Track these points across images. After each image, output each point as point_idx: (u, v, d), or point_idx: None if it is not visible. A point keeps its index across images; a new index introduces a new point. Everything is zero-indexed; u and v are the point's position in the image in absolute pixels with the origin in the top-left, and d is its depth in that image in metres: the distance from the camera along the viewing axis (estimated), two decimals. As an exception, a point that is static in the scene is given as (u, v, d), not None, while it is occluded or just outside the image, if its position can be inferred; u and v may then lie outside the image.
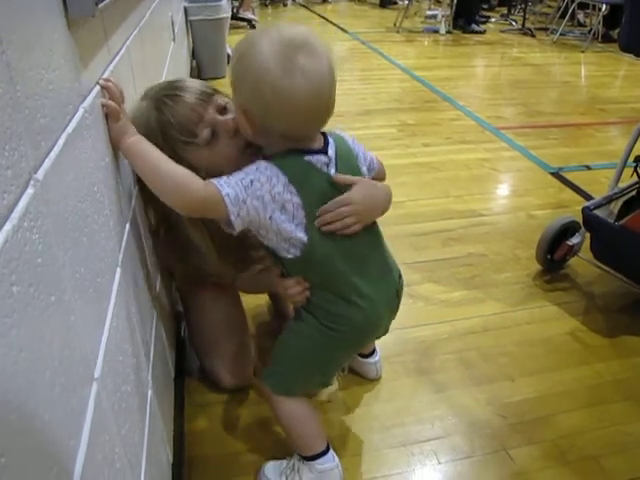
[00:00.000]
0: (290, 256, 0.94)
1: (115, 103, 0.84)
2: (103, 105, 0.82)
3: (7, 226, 0.43)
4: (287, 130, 0.88)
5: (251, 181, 0.86)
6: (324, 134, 0.96)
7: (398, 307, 1.07)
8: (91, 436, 0.56)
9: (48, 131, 0.56)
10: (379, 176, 1.09)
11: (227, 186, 0.86)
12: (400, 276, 1.07)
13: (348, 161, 0.97)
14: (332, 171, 0.93)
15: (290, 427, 1.07)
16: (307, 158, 0.91)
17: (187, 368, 1.38)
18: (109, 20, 0.92)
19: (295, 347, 1.03)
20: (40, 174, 0.51)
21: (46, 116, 0.55)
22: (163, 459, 1.00)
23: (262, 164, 0.89)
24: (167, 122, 0.99)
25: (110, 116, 0.84)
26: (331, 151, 0.94)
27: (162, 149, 0.90)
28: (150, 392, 0.93)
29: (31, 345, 0.44)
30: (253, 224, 0.90)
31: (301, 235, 0.91)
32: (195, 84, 1.06)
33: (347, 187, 0.94)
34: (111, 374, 0.68)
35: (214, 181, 0.86)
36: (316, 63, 0.83)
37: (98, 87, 0.80)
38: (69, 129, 0.62)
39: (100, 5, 0.73)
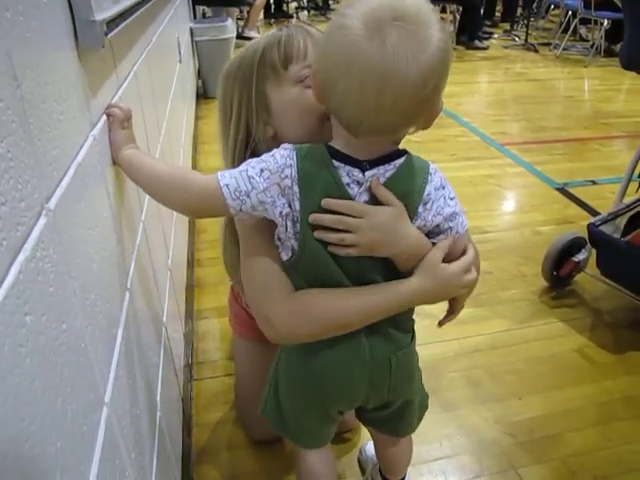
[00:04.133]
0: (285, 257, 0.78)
1: (122, 112, 0.82)
2: (108, 113, 0.80)
3: (21, 257, 0.44)
4: (340, 111, 0.69)
5: (261, 170, 0.71)
6: (399, 153, 0.76)
7: (384, 382, 0.84)
8: (102, 460, 0.57)
9: (59, 161, 0.57)
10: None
11: (229, 176, 0.72)
12: (402, 349, 0.84)
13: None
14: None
15: (299, 476, 1.00)
16: (336, 164, 0.71)
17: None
18: (118, 48, 0.94)
19: (275, 373, 0.92)
20: (52, 204, 0.52)
21: (57, 147, 0.57)
22: (171, 481, 1.00)
23: (283, 149, 0.73)
24: (278, 40, 0.85)
25: (115, 121, 0.81)
26: (374, 172, 0.72)
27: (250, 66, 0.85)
28: (159, 414, 0.93)
29: (44, 373, 0.45)
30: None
31: (294, 243, 0.75)
32: None
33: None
34: (121, 398, 0.69)
35: (217, 173, 0.74)
36: (409, 46, 0.62)
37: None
38: (79, 158, 0.64)
39: (109, 36, 0.74)
